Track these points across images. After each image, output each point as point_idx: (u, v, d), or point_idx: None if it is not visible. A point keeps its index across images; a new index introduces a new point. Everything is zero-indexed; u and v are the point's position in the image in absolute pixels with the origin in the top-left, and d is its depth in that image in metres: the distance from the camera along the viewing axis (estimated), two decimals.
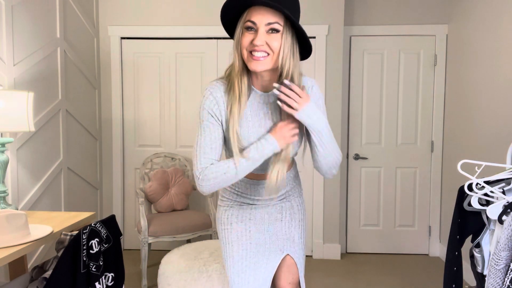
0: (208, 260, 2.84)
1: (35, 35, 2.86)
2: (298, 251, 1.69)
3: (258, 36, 1.36)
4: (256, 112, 1.50)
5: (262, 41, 1.36)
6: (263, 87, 1.50)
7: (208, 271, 2.78)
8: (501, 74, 2.87)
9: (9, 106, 2.19)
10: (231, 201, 1.66)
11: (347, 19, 3.86)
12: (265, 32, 1.37)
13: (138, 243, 3.96)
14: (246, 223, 1.63)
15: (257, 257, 1.63)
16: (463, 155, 3.45)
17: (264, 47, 1.37)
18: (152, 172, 3.61)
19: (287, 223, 1.67)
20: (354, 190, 4.01)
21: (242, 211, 1.64)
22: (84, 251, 1.64)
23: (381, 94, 3.94)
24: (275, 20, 1.36)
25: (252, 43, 1.38)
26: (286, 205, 1.68)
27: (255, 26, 1.37)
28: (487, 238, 1.76)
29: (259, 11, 1.36)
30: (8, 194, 2.30)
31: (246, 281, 1.61)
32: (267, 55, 1.39)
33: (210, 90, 1.51)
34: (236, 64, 1.45)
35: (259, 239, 1.63)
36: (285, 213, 1.67)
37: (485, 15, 3.12)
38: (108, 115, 3.91)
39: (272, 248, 1.65)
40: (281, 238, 1.66)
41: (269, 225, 1.64)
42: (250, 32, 1.39)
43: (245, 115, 1.48)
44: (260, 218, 1.64)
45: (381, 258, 3.92)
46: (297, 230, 1.69)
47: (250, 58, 1.40)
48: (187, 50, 3.89)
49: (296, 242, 1.69)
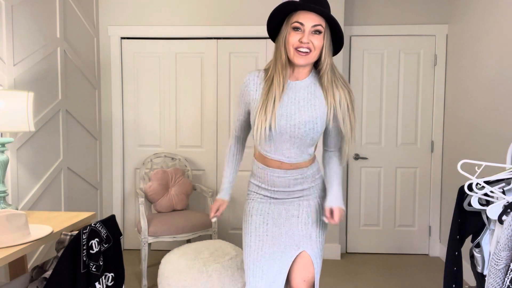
0: (208, 260, 2.84)
1: (35, 35, 2.86)
2: (315, 249, 1.79)
3: (305, 35, 1.61)
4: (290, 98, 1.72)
5: (308, 39, 1.61)
6: (296, 78, 1.73)
7: (208, 271, 2.78)
8: (501, 74, 2.87)
9: (9, 106, 2.19)
10: (254, 193, 1.85)
11: (347, 19, 3.86)
12: (310, 32, 1.62)
13: (138, 243, 3.96)
14: (264, 217, 1.80)
15: (273, 248, 1.76)
16: (463, 155, 3.45)
17: (309, 45, 1.62)
18: (152, 172, 3.61)
19: (304, 220, 1.79)
20: (354, 190, 4.01)
21: (262, 205, 1.82)
22: (84, 251, 1.64)
23: (381, 94, 3.94)
24: (319, 23, 1.62)
25: (299, 41, 1.62)
26: (304, 204, 1.81)
27: (302, 27, 1.62)
28: (487, 238, 1.76)
29: (306, 14, 1.61)
30: (8, 194, 2.30)
31: (261, 270, 1.74)
32: (310, 52, 1.63)
33: (249, 77, 1.77)
34: (283, 57, 1.67)
35: (275, 232, 1.78)
36: (302, 211, 1.80)
37: (485, 15, 3.12)
38: (108, 115, 3.91)
39: (288, 242, 1.77)
40: (298, 235, 1.78)
41: (285, 220, 1.79)
42: (297, 32, 1.63)
43: (284, 101, 1.70)
44: (277, 213, 1.80)
45: (381, 258, 3.92)
46: (315, 229, 1.80)
47: (296, 54, 1.64)
48: (187, 50, 3.89)
49: (313, 239, 1.79)
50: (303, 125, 1.68)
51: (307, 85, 1.72)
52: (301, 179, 1.79)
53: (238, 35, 3.82)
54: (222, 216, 3.95)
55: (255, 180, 1.85)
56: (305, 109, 1.69)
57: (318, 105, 1.70)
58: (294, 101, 1.69)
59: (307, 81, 1.72)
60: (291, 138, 1.69)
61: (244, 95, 1.77)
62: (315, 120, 1.69)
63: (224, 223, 3.95)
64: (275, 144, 1.72)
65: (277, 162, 1.75)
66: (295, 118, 1.68)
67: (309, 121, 1.68)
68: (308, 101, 1.70)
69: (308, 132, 1.68)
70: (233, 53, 3.86)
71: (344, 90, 1.72)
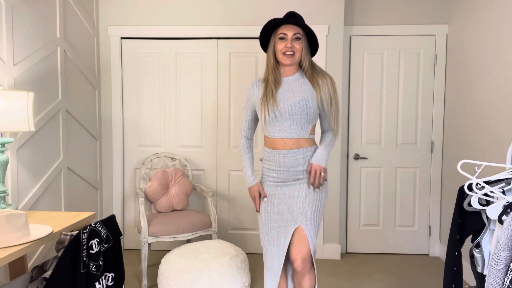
0: (208, 260, 2.84)
1: (35, 35, 2.86)
2: (310, 225, 2.17)
3: (289, 41, 2.16)
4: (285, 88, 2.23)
5: (291, 44, 2.16)
6: (286, 75, 2.25)
7: (208, 271, 2.78)
8: (501, 74, 2.87)
9: (9, 106, 2.19)
10: (265, 176, 2.29)
11: (347, 19, 3.86)
12: (292, 39, 2.16)
13: (138, 243, 3.96)
14: (272, 197, 2.24)
15: (278, 223, 2.21)
16: (463, 155, 3.45)
17: (292, 48, 2.16)
18: (152, 172, 3.61)
19: (302, 200, 2.19)
20: (354, 190, 4.01)
21: (270, 188, 2.25)
22: (84, 251, 1.64)
23: (381, 94, 3.94)
24: (298, 31, 2.17)
25: (285, 46, 2.16)
26: (303, 186, 2.20)
27: (286, 36, 2.17)
28: (487, 238, 1.76)
29: (288, 26, 2.17)
30: (8, 194, 2.30)
31: (271, 239, 2.22)
32: (293, 54, 2.17)
33: (252, 83, 2.32)
34: (272, 61, 2.22)
35: (280, 209, 2.21)
36: (302, 191, 2.20)
37: (485, 15, 3.12)
38: (108, 115, 3.91)
39: (289, 218, 2.19)
40: (296, 212, 2.18)
41: (288, 199, 2.21)
42: (282, 41, 2.18)
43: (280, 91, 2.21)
44: (282, 193, 2.22)
45: (381, 258, 3.92)
46: (311, 207, 2.19)
47: (284, 56, 2.17)
48: (187, 50, 3.89)
49: (308, 217, 2.17)
50: (298, 103, 2.16)
51: (297, 78, 2.23)
52: (303, 159, 2.19)
53: (238, 35, 3.82)
54: (222, 216, 3.95)
55: (265, 164, 2.29)
56: (297, 93, 2.18)
57: (307, 90, 2.20)
58: (288, 89, 2.20)
59: (296, 75, 2.24)
60: (290, 116, 2.16)
61: (250, 97, 2.30)
62: (306, 99, 2.17)
63: (224, 223, 3.95)
64: (278, 124, 2.18)
65: (281, 141, 2.20)
66: (291, 99, 2.17)
67: (301, 99, 2.16)
68: (299, 88, 2.20)
69: (302, 108, 2.16)
70: (233, 53, 3.86)
71: (324, 77, 2.23)
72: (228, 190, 3.95)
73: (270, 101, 2.15)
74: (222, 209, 3.96)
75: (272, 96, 2.16)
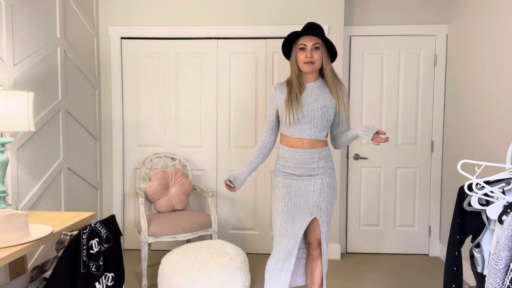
0: (208, 260, 2.84)
1: (35, 35, 2.86)
2: (323, 217, 2.40)
3: (308, 52, 2.35)
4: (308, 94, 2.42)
5: (311, 54, 2.34)
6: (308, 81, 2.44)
7: (208, 271, 2.78)
8: (501, 74, 2.87)
9: (9, 106, 2.19)
10: (279, 172, 2.44)
11: (347, 19, 3.86)
12: (311, 49, 2.35)
13: (138, 243, 3.96)
14: (288, 189, 2.40)
15: (294, 213, 2.37)
16: (463, 155, 3.45)
17: (312, 58, 2.34)
18: (152, 172, 3.61)
19: (317, 194, 2.38)
20: (354, 190, 4.01)
21: (286, 180, 2.41)
22: (84, 251, 1.64)
23: (381, 94, 3.94)
24: (317, 42, 2.35)
25: (305, 56, 2.35)
26: (318, 182, 2.39)
27: (306, 47, 2.35)
28: (487, 238, 1.76)
29: (308, 37, 2.35)
30: (8, 194, 2.30)
31: (285, 229, 2.36)
32: (313, 63, 2.36)
33: (274, 86, 2.49)
34: (295, 69, 2.41)
35: (296, 201, 2.38)
36: (317, 186, 2.39)
37: (485, 15, 3.12)
38: (108, 115, 3.91)
39: (305, 210, 2.38)
40: (311, 205, 2.38)
41: (304, 193, 2.39)
42: (302, 51, 2.36)
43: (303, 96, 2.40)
44: (298, 187, 2.39)
45: (381, 258, 3.92)
46: (325, 201, 2.40)
47: (304, 65, 2.36)
48: (187, 50, 3.89)
49: (323, 209, 2.40)
50: (320, 109, 2.36)
51: (318, 86, 2.43)
52: (318, 157, 2.38)
53: (238, 35, 3.82)
54: (222, 216, 3.95)
55: (280, 161, 2.45)
56: (319, 100, 2.38)
57: (327, 98, 2.40)
58: (310, 95, 2.39)
59: (318, 83, 2.43)
60: (312, 119, 2.35)
61: (273, 98, 2.47)
62: (327, 106, 2.38)
63: (224, 223, 3.95)
64: (300, 125, 2.36)
65: (299, 140, 2.38)
66: (313, 105, 2.36)
67: (323, 106, 2.37)
68: (320, 95, 2.40)
69: (323, 115, 2.36)
70: (233, 53, 3.86)
71: (341, 88, 2.43)
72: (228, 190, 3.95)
73: (295, 104, 2.33)
74: (222, 209, 3.96)
75: (297, 100, 2.34)
